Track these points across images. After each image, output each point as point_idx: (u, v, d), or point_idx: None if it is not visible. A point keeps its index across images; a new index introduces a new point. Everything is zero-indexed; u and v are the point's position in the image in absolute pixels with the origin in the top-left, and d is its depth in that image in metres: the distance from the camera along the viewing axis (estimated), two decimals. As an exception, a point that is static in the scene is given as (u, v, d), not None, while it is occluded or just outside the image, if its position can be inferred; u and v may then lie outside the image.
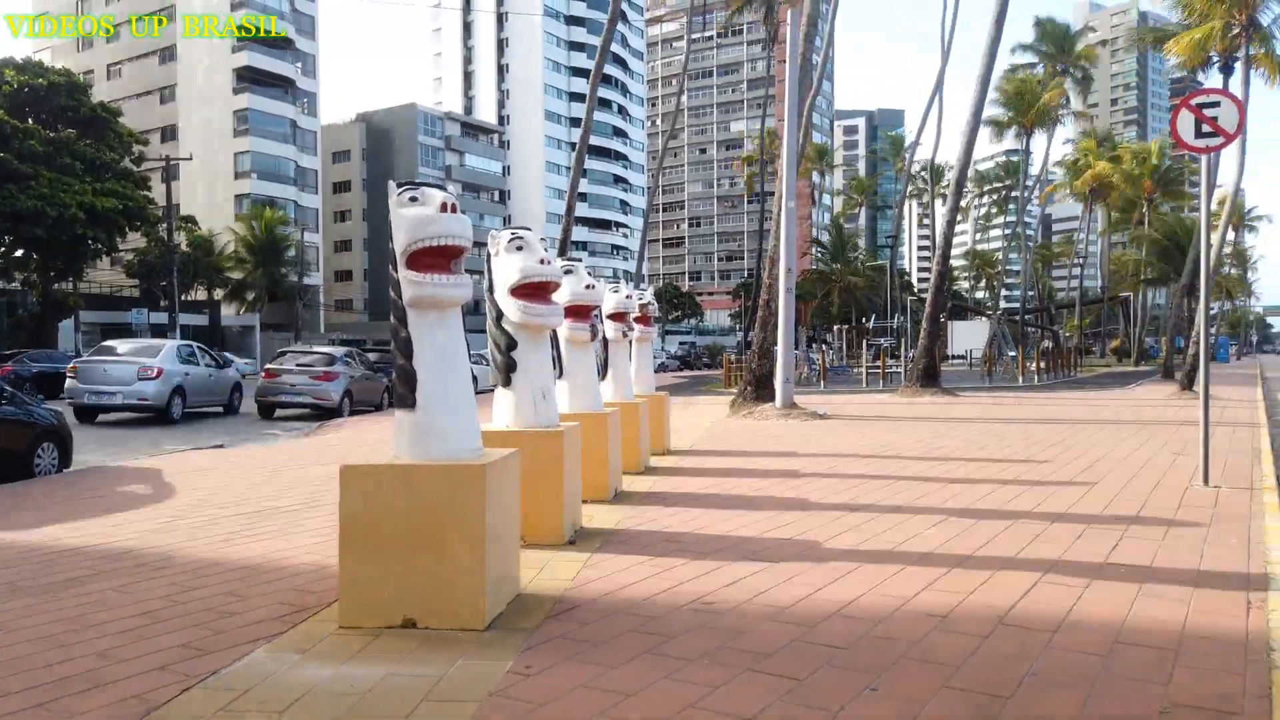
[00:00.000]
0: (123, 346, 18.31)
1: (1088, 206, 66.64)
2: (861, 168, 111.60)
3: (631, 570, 5.11)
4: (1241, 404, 18.95)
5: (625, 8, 62.67)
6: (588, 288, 7.20)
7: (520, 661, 3.64)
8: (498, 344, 5.76)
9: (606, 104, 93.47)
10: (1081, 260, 79.88)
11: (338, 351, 20.88)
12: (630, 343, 10.05)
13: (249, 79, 62.95)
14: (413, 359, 4.22)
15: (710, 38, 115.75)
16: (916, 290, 78.40)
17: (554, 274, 5.58)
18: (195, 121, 62.98)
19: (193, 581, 5.02)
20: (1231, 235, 70.01)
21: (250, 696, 3.33)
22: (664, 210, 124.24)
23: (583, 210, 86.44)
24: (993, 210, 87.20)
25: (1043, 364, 34.69)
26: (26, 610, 4.50)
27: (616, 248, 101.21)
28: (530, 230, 5.74)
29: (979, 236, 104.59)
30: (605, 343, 9.15)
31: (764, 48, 66.63)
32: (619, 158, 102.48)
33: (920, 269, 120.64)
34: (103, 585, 4.96)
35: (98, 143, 39.20)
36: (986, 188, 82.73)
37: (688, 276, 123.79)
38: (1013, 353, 37.22)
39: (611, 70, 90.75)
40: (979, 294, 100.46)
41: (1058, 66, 54.91)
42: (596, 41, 62.05)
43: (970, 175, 46.01)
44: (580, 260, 7.98)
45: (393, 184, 4.34)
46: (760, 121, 63.35)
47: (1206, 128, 8.07)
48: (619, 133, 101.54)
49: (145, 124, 57.09)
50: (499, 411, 5.90)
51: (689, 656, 3.69)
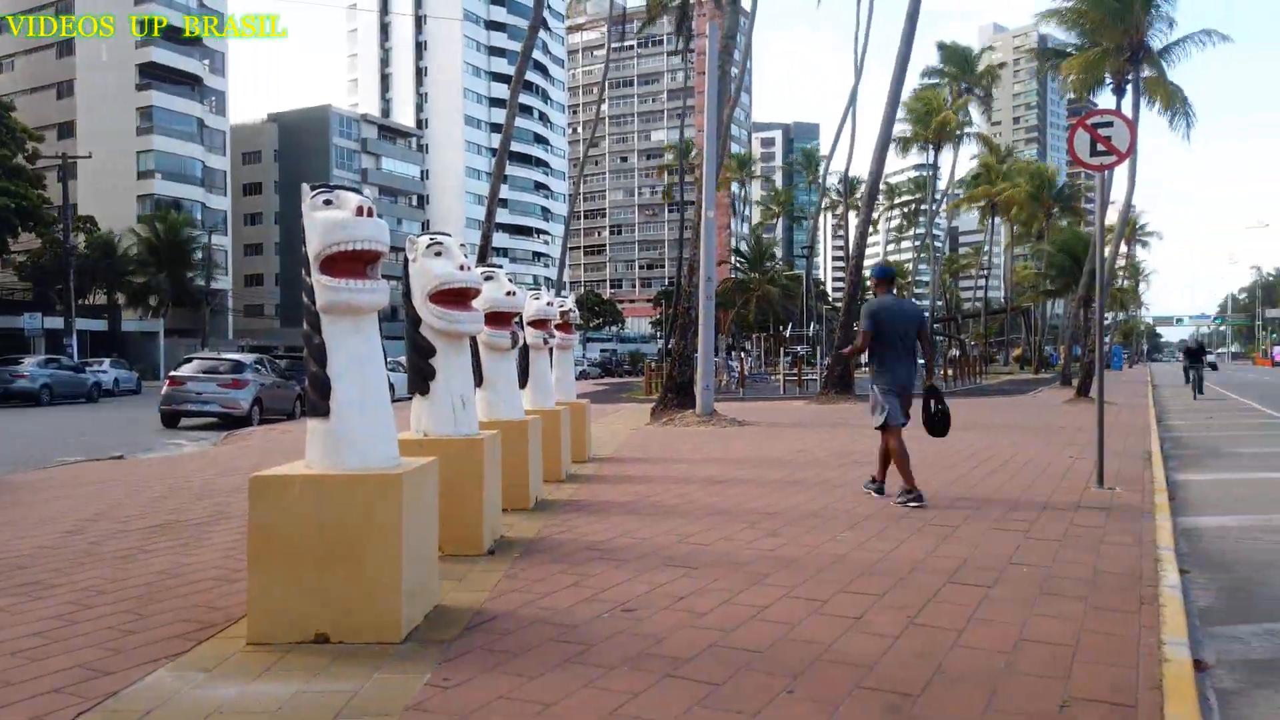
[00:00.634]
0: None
1: (989, 218, 69.53)
2: (779, 179, 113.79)
3: (552, 579, 5.08)
4: (1134, 409, 19.94)
5: (546, 14, 62.46)
6: (508, 294, 7.13)
7: (438, 674, 3.58)
8: (416, 351, 5.67)
9: (528, 110, 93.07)
10: (986, 272, 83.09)
11: (247, 358, 20.33)
12: (551, 350, 10.01)
13: (153, 75, 60.60)
14: (326, 366, 4.11)
15: (630, 47, 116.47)
16: (831, 299, 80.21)
17: (474, 280, 5.52)
18: (95, 118, 60.14)
19: (90, 599, 4.77)
20: (1125, 249, 73.91)
21: (152, 718, 3.20)
22: (585, 217, 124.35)
23: (504, 216, 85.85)
24: (904, 223, 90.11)
25: (950, 371, 35.82)
26: (-97, 634, 4.21)
27: (538, 254, 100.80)
28: (449, 235, 5.66)
29: (891, 248, 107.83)
30: (526, 350, 9.08)
31: (682, 58, 67.36)
32: (540, 164, 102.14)
33: (835, 279, 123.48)
34: (-11, 605, 4.68)
35: (-13, 138, 37.27)
36: (898, 200, 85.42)
37: (609, 284, 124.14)
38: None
39: (533, 76, 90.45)
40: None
41: (961, 86, 57.34)
42: (517, 47, 61.83)
43: (882, 188, 47.58)
44: (501, 266, 7.90)
45: (306, 186, 4.23)
46: (679, 131, 64.07)
47: (1101, 146, 8.51)
48: (540, 139, 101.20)
49: (41, 120, 54.39)
50: (417, 420, 5.79)
51: (609, 664, 3.68)
